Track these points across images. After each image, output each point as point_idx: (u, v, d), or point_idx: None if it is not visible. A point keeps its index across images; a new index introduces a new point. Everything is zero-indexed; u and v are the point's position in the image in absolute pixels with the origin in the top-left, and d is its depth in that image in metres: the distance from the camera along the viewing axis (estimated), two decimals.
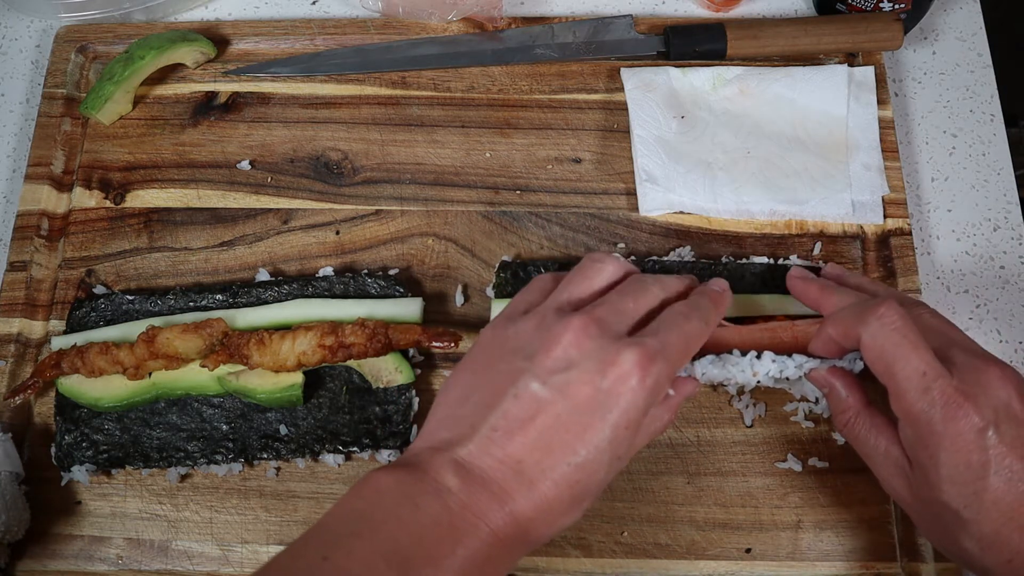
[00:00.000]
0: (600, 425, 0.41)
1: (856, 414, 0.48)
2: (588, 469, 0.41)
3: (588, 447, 0.41)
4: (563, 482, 0.41)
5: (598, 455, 0.41)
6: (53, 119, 0.67)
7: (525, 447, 0.41)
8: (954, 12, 0.72)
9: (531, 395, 0.42)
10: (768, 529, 0.55)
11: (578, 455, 0.41)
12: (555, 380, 0.42)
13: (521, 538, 0.42)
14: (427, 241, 0.63)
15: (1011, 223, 0.64)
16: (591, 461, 0.41)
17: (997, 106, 0.68)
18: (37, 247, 0.63)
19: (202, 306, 0.59)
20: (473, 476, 0.41)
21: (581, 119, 0.66)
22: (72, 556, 0.55)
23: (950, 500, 0.43)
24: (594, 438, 0.41)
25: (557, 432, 0.41)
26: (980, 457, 0.42)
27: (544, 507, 0.41)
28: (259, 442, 0.56)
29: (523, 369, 0.43)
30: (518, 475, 0.41)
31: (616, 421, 0.42)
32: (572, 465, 0.41)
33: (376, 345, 0.54)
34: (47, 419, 0.58)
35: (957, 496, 0.43)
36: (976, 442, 0.42)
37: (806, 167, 0.63)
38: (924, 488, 0.44)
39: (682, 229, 0.63)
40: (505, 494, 0.41)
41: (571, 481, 0.41)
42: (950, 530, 0.44)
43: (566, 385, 0.42)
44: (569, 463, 0.41)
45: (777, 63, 0.67)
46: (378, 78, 0.68)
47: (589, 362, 0.42)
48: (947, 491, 0.43)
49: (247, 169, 0.65)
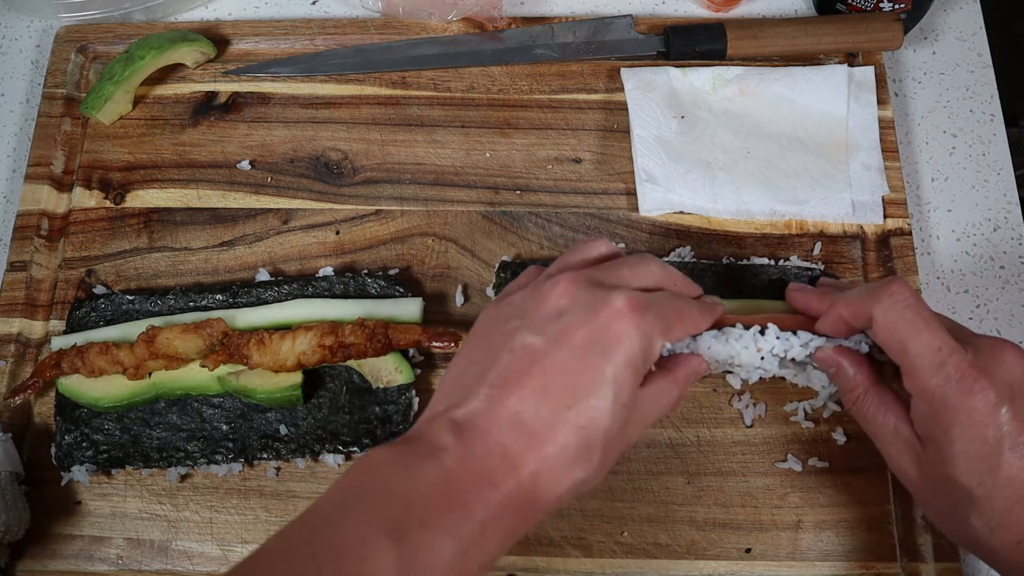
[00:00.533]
0: (598, 364, 0.40)
1: (865, 392, 0.48)
2: (591, 413, 0.40)
3: (588, 388, 0.40)
4: (565, 428, 0.40)
5: (600, 398, 0.40)
6: (53, 119, 0.67)
7: (523, 397, 0.40)
8: (954, 12, 0.72)
9: (525, 347, 0.41)
10: (768, 529, 0.55)
11: (578, 398, 0.40)
12: (549, 329, 0.41)
13: (528, 497, 0.40)
14: (427, 241, 0.63)
15: (1011, 223, 0.64)
16: (593, 405, 0.40)
17: (997, 106, 0.68)
18: (37, 247, 0.63)
19: (202, 306, 0.59)
20: (470, 433, 0.40)
21: (581, 119, 0.66)
22: (72, 556, 0.55)
23: (963, 477, 0.43)
24: (593, 379, 0.40)
25: (555, 377, 0.40)
26: (995, 433, 0.42)
27: (548, 458, 0.40)
28: (259, 442, 0.56)
29: (517, 327, 0.42)
30: (517, 426, 0.40)
31: (614, 360, 0.41)
32: (573, 409, 0.40)
33: (376, 345, 0.54)
34: (47, 419, 0.58)
35: (970, 472, 0.42)
36: (991, 417, 0.42)
37: (806, 167, 0.63)
38: (936, 465, 0.44)
39: (682, 229, 0.63)
40: (505, 448, 0.39)
41: (574, 426, 0.40)
42: (959, 509, 0.44)
43: (560, 332, 0.41)
44: (569, 407, 0.40)
45: (777, 63, 0.67)
46: (378, 78, 0.68)
47: (581, 307, 0.42)
48: (960, 467, 0.42)
49: (247, 169, 0.65)
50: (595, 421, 0.40)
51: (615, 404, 0.41)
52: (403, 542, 0.37)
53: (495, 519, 0.39)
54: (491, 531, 0.39)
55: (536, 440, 0.40)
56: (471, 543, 0.38)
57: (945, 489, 0.44)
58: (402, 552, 0.36)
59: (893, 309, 0.44)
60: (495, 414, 0.40)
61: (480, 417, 0.40)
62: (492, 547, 0.39)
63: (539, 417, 0.40)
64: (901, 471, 0.47)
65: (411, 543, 0.37)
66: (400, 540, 0.37)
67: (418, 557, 0.37)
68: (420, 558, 0.37)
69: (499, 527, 0.39)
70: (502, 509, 0.39)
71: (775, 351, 0.49)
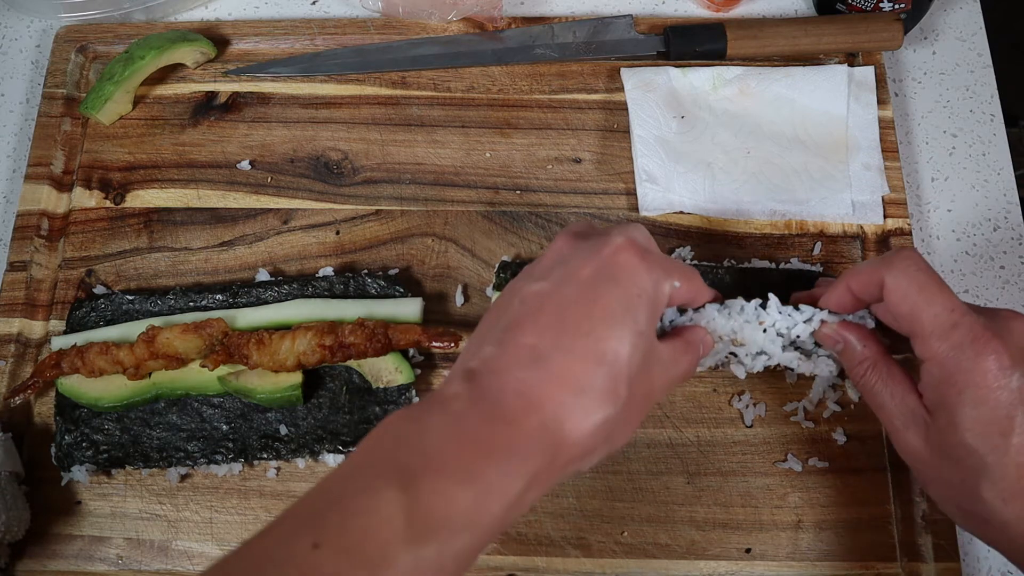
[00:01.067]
0: (610, 291, 0.40)
1: (872, 364, 0.47)
2: (610, 341, 0.39)
3: (603, 315, 0.39)
4: (585, 356, 0.38)
5: (617, 326, 0.39)
6: (53, 119, 0.67)
7: (537, 331, 0.39)
8: (954, 12, 0.72)
9: (534, 294, 0.41)
10: (768, 529, 0.55)
11: (594, 325, 0.39)
12: (554, 274, 0.41)
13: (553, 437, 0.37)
14: (427, 241, 0.63)
15: (1011, 223, 0.64)
16: (611, 334, 0.39)
17: (997, 106, 0.68)
18: (37, 247, 0.63)
19: (202, 306, 0.59)
20: (483, 376, 0.38)
21: (581, 119, 0.66)
22: (72, 556, 0.55)
23: (974, 441, 0.42)
24: (607, 305, 0.40)
25: (567, 310, 0.40)
26: (1008, 396, 0.41)
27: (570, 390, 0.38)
28: (259, 442, 0.56)
29: (523, 283, 0.42)
30: (534, 360, 0.38)
31: (625, 286, 0.40)
32: (590, 335, 0.39)
33: (376, 345, 0.54)
34: (47, 419, 0.58)
35: (982, 437, 0.42)
36: (1004, 380, 0.41)
37: (806, 167, 0.63)
38: (946, 432, 0.43)
39: (682, 229, 0.63)
40: (521, 383, 0.38)
41: (594, 355, 0.38)
42: (969, 481, 0.43)
43: (565, 273, 0.41)
44: (587, 333, 0.39)
45: (777, 63, 0.67)
46: (378, 78, 0.68)
47: (582, 250, 0.42)
48: (972, 432, 0.42)
49: (247, 169, 0.65)
50: (615, 348, 0.39)
51: (633, 331, 0.40)
52: (410, 490, 0.35)
53: (518, 460, 0.37)
54: (513, 474, 0.36)
55: (555, 370, 0.38)
56: (490, 487, 0.36)
57: (955, 459, 0.43)
58: (409, 500, 0.35)
59: (905, 273, 0.44)
60: (509, 354, 0.39)
61: (494, 360, 0.39)
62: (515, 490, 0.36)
63: (557, 347, 0.39)
64: (908, 447, 0.46)
65: (419, 490, 0.35)
66: (407, 488, 0.35)
67: (428, 503, 0.35)
68: (431, 504, 0.35)
69: (523, 469, 0.37)
70: (525, 449, 0.37)
71: (778, 326, 0.49)
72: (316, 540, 0.34)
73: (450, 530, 0.35)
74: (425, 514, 0.35)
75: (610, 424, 0.39)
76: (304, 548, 0.34)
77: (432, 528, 0.35)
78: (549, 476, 0.38)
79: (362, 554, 0.34)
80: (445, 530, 0.35)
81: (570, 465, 0.39)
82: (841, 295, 0.48)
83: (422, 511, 0.35)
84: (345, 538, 0.34)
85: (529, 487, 0.37)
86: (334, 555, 0.34)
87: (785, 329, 0.49)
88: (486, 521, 0.36)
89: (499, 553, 0.54)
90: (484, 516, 0.36)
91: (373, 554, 0.34)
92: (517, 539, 0.55)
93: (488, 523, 0.36)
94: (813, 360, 0.51)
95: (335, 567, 0.33)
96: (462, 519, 0.35)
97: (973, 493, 0.43)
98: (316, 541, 0.34)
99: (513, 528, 0.55)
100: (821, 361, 0.51)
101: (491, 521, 0.36)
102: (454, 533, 0.35)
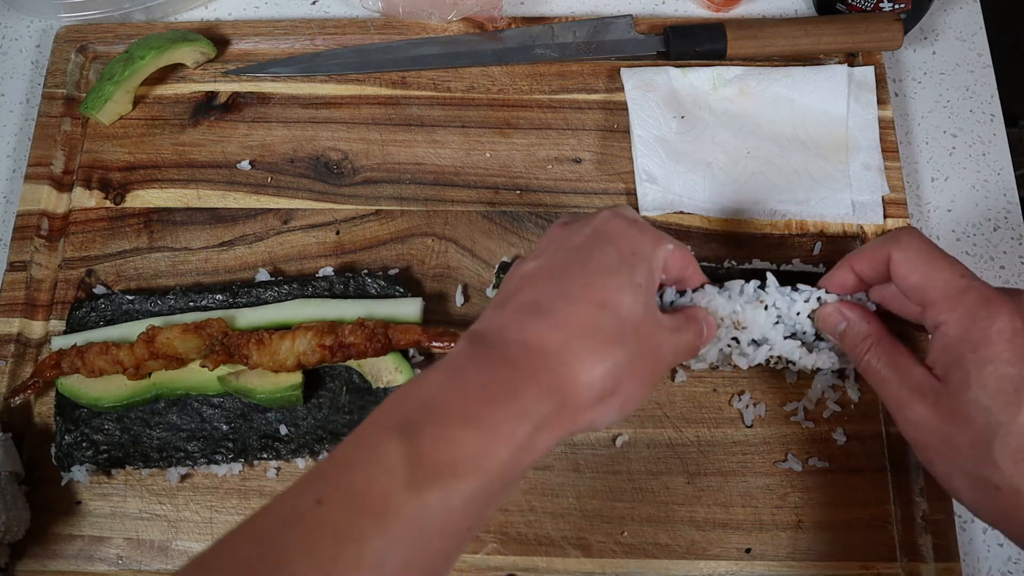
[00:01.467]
0: (605, 249, 0.41)
1: (876, 340, 0.47)
2: (609, 290, 0.40)
3: (599, 270, 0.40)
4: (586, 303, 0.39)
5: (614, 277, 0.40)
6: (53, 119, 0.67)
7: (537, 289, 0.40)
8: (954, 12, 0.72)
9: (531, 267, 0.42)
10: (768, 529, 0.55)
11: (592, 278, 0.40)
12: (549, 250, 0.43)
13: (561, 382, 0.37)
14: (427, 241, 0.63)
15: (1011, 223, 0.64)
16: (609, 283, 0.40)
17: (997, 106, 0.68)
18: (37, 247, 0.63)
19: (202, 306, 0.59)
20: (486, 335, 0.39)
21: (581, 119, 0.66)
22: (72, 556, 0.55)
23: (988, 400, 0.42)
24: (603, 259, 0.41)
25: (564, 268, 0.41)
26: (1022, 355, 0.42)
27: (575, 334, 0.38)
28: (259, 442, 0.56)
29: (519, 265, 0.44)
30: (536, 312, 0.39)
31: (618, 245, 0.41)
32: (590, 285, 0.40)
33: (376, 345, 0.54)
34: (47, 419, 0.58)
35: (996, 394, 0.42)
36: (1020, 340, 0.42)
37: (806, 167, 0.63)
38: (960, 391, 0.43)
39: (682, 229, 0.63)
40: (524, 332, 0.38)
41: (596, 301, 0.39)
42: (980, 442, 0.42)
43: (558, 247, 0.42)
44: (586, 284, 0.40)
45: (777, 63, 0.67)
46: (378, 78, 0.68)
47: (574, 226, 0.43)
48: (986, 389, 0.42)
49: (247, 169, 0.65)
50: (614, 297, 0.40)
51: (631, 282, 0.41)
52: (412, 438, 0.35)
53: (522, 403, 0.36)
54: (518, 416, 0.36)
55: (558, 317, 0.39)
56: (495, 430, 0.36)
57: (966, 419, 0.42)
58: (411, 448, 0.34)
59: (911, 246, 0.45)
60: (510, 311, 0.40)
61: (495, 320, 0.40)
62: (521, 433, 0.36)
63: (557, 295, 0.39)
64: (914, 418, 0.45)
65: (421, 437, 0.35)
66: (409, 437, 0.35)
67: (430, 449, 0.35)
68: (433, 450, 0.35)
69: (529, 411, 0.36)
70: (529, 392, 0.37)
71: (778, 305, 0.50)
72: (320, 496, 0.34)
73: (455, 475, 0.35)
74: (427, 460, 0.34)
75: (619, 372, 0.39)
76: (309, 505, 0.34)
77: (435, 474, 0.34)
78: (560, 423, 0.38)
79: (366, 504, 0.34)
80: (449, 475, 0.34)
81: (581, 414, 0.39)
82: (844, 276, 0.49)
83: (424, 457, 0.34)
84: (348, 491, 0.34)
85: (538, 432, 0.37)
86: (338, 508, 0.34)
87: (786, 309, 0.50)
88: (494, 466, 0.35)
89: (499, 553, 0.54)
90: (491, 460, 0.35)
91: (376, 503, 0.34)
92: (517, 539, 0.55)
93: (496, 469, 0.36)
94: (815, 352, 0.51)
95: (340, 519, 0.33)
96: (467, 463, 0.35)
97: (985, 456, 0.42)
98: (320, 497, 0.34)
99: (513, 528, 0.55)
100: (823, 354, 0.51)
101: (499, 467, 0.36)
102: (459, 478, 0.35)
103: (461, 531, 0.35)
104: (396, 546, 0.33)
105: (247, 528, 0.34)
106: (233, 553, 0.33)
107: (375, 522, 0.33)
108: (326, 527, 0.33)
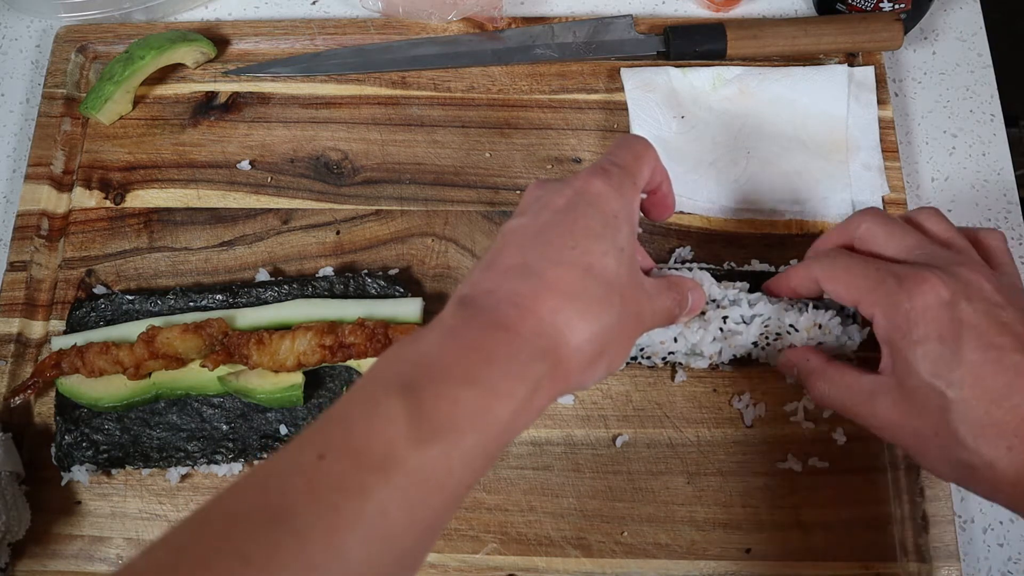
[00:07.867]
0: (587, 213, 0.41)
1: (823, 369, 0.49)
2: (595, 254, 0.40)
3: (584, 231, 0.41)
4: (573, 265, 0.40)
5: (599, 240, 0.41)
6: (53, 119, 0.67)
7: (522, 254, 0.40)
8: (954, 12, 0.72)
9: (513, 228, 0.42)
10: (768, 529, 0.55)
11: (577, 239, 0.40)
12: (531, 209, 0.43)
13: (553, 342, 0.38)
14: (427, 241, 0.63)
15: (1011, 223, 0.64)
16: (595, 247, 0.40)
17: (997, 106, 0.68)
18: (37, 247, 0.63)
19: (202, 306, 0.59)
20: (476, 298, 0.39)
21: (581, 119, 0.66)
22: (72, 556, 0.55)
23: (932, 380, 0.42)
24: (587, 224, 0.41)
25: (549, 230, 0.41)
26: (952, 329, 0.42)
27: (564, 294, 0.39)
28: (259, 442, 0.56)
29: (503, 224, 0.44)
30: (525, 275, 0.39)
31: (600, 209, 0.42)
32: (576, 248, 0.40)
33: (376, 345, 0.54)
34: (47, 419, 0.58)
35: (937, 374, 0.42)
36: (946, 314, 0.42)
37: (806, 167, 0.63)
38: (906, 380, 0.43)
39: (682, 229, 0.63)
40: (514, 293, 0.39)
41: (583, 265, 0.40)
42: (942, 426, 0.42)
43: (541, 206, 0.42)
44: (572, 247, 0.40)
45: (777, 63, 0.67)
46: (378, 78, 0.68)
47: (553, 186, 0.44)
48: (926, 370, 0.42)
49: (247, 169, 0.65)
50: (601, 261, 0.40)
51: (615, 246, 0.41)
52: (413, 395, 0.35)
53: (520, 364, 0.37)
54: (516, 377, 0.37)
55: (547, 280, 0.39)
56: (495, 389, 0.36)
57: (921, 406, 0.43)
58: (412, 404, 0.35)
59: (829, 261, 0.47)
60: (499, 274, 0.40)
61: (484, 282, 0.40)
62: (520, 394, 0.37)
63: (545, 257, 0.40)
64: (882, 420, 0.45)
65: (422, 394, 0.35)
66: (410, 394, 0.35)
67: (432, 406, 0.35)
68: (435, 406, 0.35)
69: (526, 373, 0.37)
70: (525, 354, 0.37)
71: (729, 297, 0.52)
72: (321, 452, 0.34)
73: (456, 431, 0.35)
74: (429, 415, 0.35)
75: (607, 334, 0.40)
76: (310, 459, 0.34)
77: (437, 429, 0.35)
78: (553, 385, 0.39)
79: (368, 457, 0.34)
80: (451, 431, 0.35)
81: (572, 376, 0.40)
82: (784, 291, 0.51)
83: (426, 413, 0.35)
84: (349, 445, 0.34)
85: (534, 393, 0.37)
86: (339, 461, 0.34)
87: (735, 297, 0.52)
88: (493, 425, 0.36)
89: (499, 553, 0.54)
90: (490, 419, 0.36)
91: (378, 457, 0.34)
92: (517, 539, 0.55)
93: (495, 428, 0.36)
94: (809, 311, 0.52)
95: (343, 472, 0.33)
96: (467, 420, 0.35)
97: (951, 439, 0.42)
98: (321, 452, 0.34)
99: (513, 528, 0.55)
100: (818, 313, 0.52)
101: (498, 426, 0.36)
102: (461, 434, 0.35)
103: (459, 488, 0.36)
104: (398, 499, 0.33)
105: (248, 481, 0.34)
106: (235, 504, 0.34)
107: (377, 475, 0.33)
108: (329, 480, 0.33)
